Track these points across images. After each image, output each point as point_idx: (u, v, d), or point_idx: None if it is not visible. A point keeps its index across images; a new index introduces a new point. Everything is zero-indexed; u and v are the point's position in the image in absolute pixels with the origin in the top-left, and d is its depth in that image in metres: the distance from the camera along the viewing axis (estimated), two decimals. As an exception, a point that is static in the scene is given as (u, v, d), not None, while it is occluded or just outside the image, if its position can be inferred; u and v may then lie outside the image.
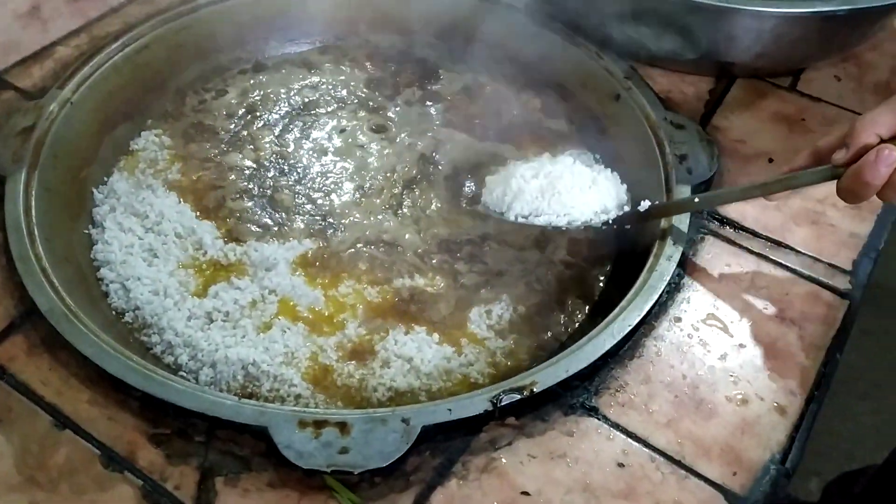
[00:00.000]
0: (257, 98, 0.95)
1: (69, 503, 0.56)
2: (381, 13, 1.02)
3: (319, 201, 0.85)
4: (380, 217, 0.84)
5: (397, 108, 0.96)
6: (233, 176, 0.86)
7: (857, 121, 0.62)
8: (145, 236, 0.79)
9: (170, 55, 0.94)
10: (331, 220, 0.83)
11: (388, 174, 0.88)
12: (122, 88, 0.89)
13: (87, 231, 0.80)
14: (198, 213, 0.82)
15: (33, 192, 0.75)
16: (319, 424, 0.59)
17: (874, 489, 1.12)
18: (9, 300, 0.67)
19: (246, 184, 0.86)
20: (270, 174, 0.87)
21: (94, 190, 0.83)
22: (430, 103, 0.97)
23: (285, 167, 0.88)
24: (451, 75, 1.00)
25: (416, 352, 0.72)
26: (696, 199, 0.76)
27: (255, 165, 0.88)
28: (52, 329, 0.64)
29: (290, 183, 0.86)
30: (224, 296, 0.75)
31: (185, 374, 0.70)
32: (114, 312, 0.74)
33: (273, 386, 0.69)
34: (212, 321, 0.73)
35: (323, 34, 1.03)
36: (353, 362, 0.71)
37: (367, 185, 0.87)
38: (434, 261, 0.80)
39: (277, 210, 0.83)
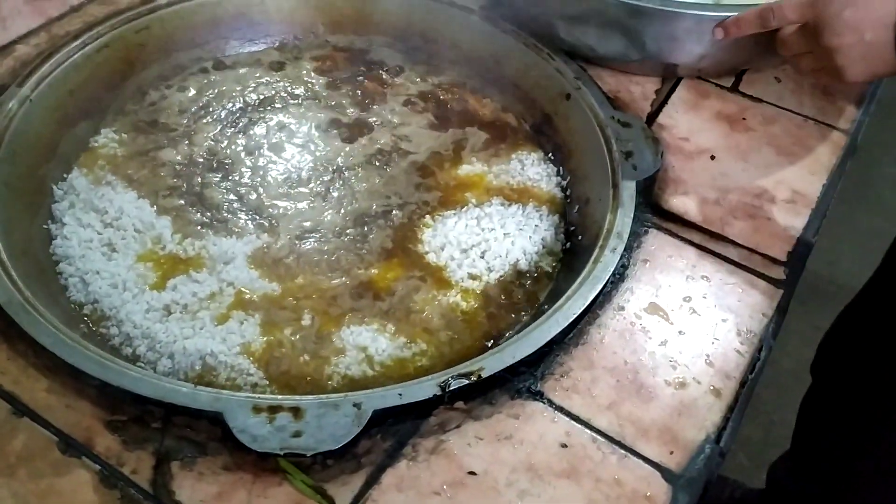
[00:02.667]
0: (212, 95, 0.96)
1: (27, 488, 0.57)
2: (340, 14, 1.04)
3: (250, 197, 0.86)
4: (313, 205, 0.86)
5: (352, 107, 0.98)
6: (163, 172, 0.88)
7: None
8: (104, 231, 0.81)
9: (129, 54, 0.95)
10: (264, 214, 0.85)
11: (325, 166, 0.91)
12: (82, 86, 0.90)
13: (45, 226, 0.81)
14: (156, 209, 0.83)
15: (-8, 188, 0.76)
16: (274, 409, 0.61)
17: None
18: (-33, 293, 0.68)
19: (174, 180, 0.87)
20: (199, 171, 0.88)
21: (54, 186, 0.84)
22: (387, 102, 0.99)
23: (215, 163, 0.89)
24: (408, 75, 1.03)
25: (370, 342, 0.75)
26: None
27: (185, 162, 0.89)
28: (11, 320, 0.65)
29: (217, 180, 0.88)
30: (182, 289, 0.77)
31: (142, 365, 0.71)
32: (73, 306, 0.75)
33: (230, 375, 0.71)
34: (170, 313, 0.75)
35: (282, 34, 1.05)
36: (307, 352, 0.73)
37: (303, 176, 0.89)
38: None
39: (207, 208, 0.85)
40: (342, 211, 0.86)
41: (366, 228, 0.85)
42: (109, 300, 0.75)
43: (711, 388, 0.68)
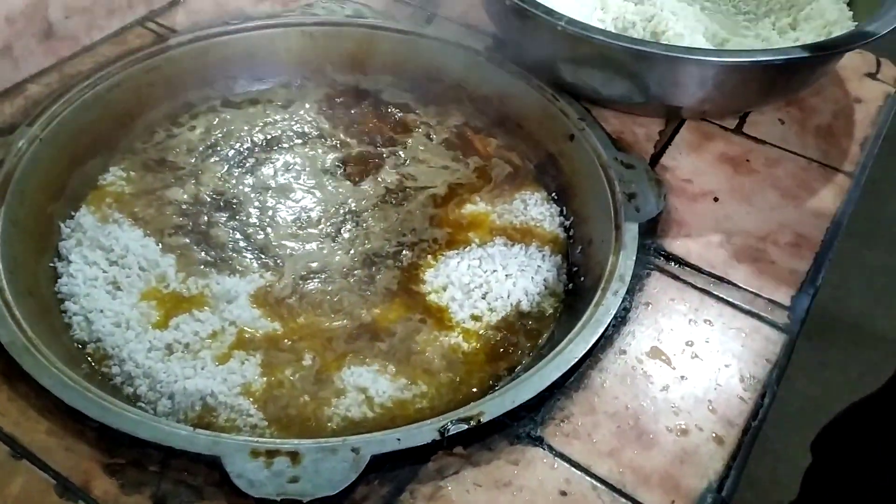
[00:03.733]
0: (220, 134, 0.98)
1: (23, 532, 0.57)
2: (346, 54, 1.06)
3: (257, 236, 0.87)
4: (321, 246, 0.87)
5: (359, 146, 0.99)
6: (169, 211, 0.89)
7: None
8: (109, 269, 0.81)
9: (139, 93, 0.97)
10: (270, 253, 0.85)
11: (336, 207, 0.91)
12: (92, 125, 0.92)
13: (52, 264, 0.82)
14: (161, 247, 0.84)
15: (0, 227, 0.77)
16: (271, 454, 0.61)
17: None
18: (-30, 332, 0.69)
19: (180, 219, 0.88)
20: (206, 210, 0.89)
21: (62, 224, 0.85)
22: (393, 141, 1.00)
23: (222, 203, 0.90)
24: (414, 114, 1.04)
25: (371, 383, 0.74)
26: None
27: (192, 201, 0.90)
28: (13, 361, 0.65)
29: (224, 219, 0.89)
30: (185, 327, 0.77)
31: (143, 405, 0.71)
32: (76, 344, 0.76)
33: (229, 416, 0.71)
34: (172, 352, 0.75)
35: (290, 74, 1.06)
36: (307, 393, 0.73)
37: (311, 216, 0.90)
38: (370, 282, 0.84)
39: (212, 247, 0.85)
40: (352, 251, 0.87)
41: (373, 269, 0.85)
42: (112, 339, 0.75)
43: (714, 435, 0.68)
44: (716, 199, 0.88)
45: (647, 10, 1.04)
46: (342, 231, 0.89)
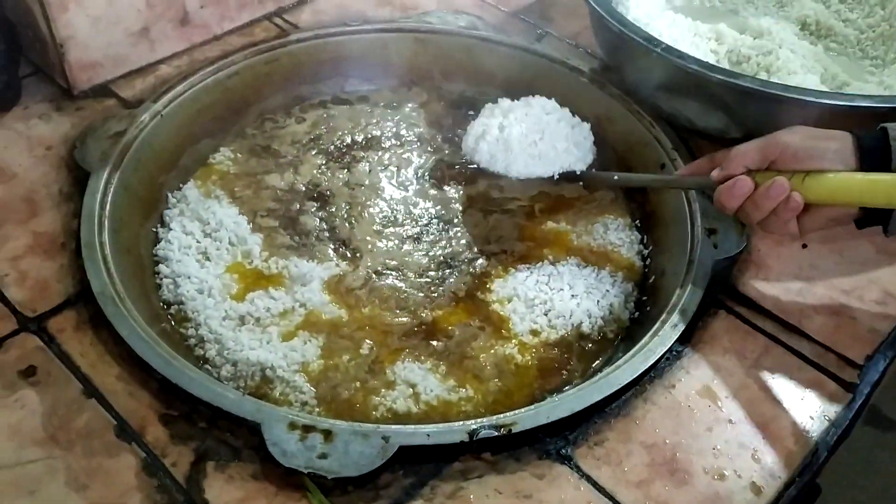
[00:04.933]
0: (325, 128, 1.03)
1: (80, 463, 0.63)
2: (455, 63, 1.09)
3: (343, 228, 0.91)
4: (400, 245, 0.90)
5: (456, 154, 1.01)
6: (264, 195, 0.94)
7: (732, 150, 0.75)
8: (203, 240, 0.88)
9: (257, 82, 1.04)
10: (351, 246, 0.89)
11: (423, 210, 0.94)
12: (210, 107, 0.99)
13: (154, 229, 0.89)
14: (251, 226, 0.90)
15: (112, 189, 0.84)
16: (308, 429, 0.64)
17: None
18: (69, 280, 0.77)
19: (273, 204, 0.93)
20: (299, 198, 0.94)
21: (169, 194, 0.93)
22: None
23: (315, 194, 0.95)
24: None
25: (420, 380, 0.77)
26: (616, 177, 0.93)
27: (287, 188, 0.95)
28: (99, 310, 0.72)
29: (314, 209, 0.93)
30: (259, 303, 0.82)
31: (209, 368, 0.77)
32: (162, 304, 0.82)
33: (284, 390, 0.75)
34: (243, 323, 0.80)
35: (400, 77, 1.10)
36: (359, 380, 0.77)
37: (397, 217, 0.93)
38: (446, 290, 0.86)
39: (298, 233, 0.90)
40: (430, 254, 0.89)
41: (447, 272, 0.88)
42: (194, 303, 0.81)
43: (752, 483, 0.65)
44: (804, 246, 0.85)
45: (765, 45, 1.01)
46: (425, 234, 0.92)
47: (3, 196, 0.84)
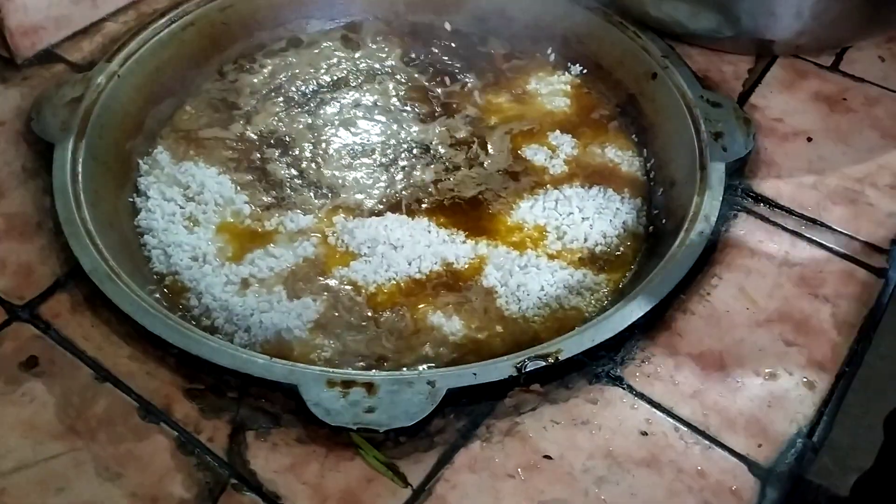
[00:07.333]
0: (287, 74, 0.97)
1: (107, 451, 0.58)
2: (420, -9, 1.03)
3: (309, 172, 0.86)
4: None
5: (432, 86, 0.96)
6: (233, 147, 0.89)
7: None
8: (186, 205, 0.82)
9: (213, 32, 0.96)
10: (332, 189, 0.85)
11: (395, 143, 0.90)
12: (167, 63, 0.92)
13: (131, 199, 0.82)
14: (237, 184, 0.84)
15: (80, 160, 0.77)
16: (347, 384, 0.60)
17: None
18: (54, 260, 0.70)
19: (232, 154, 0.88)
20: (257, 148, 0.89)
21: (140, 160, 0.86)
22: (467, 80, 0.97)
23: (272, 140, 0.90)
24: (489, 53, 1.01)
25: (445, 322, 0.73)
26: None
27: (242, 138, 0.90)
28: (95, 288, 0.66)
29: (277, 155, 0.88)
30: (260, 263, 0.77)
31: (220, 337, 0.71)
32: (155, 276, 0.76)
33: (303, 350, 0.71)
34: (247, 287, 0.75)
35: (363, 13, 1.04)
36: (379, 326, 0.73)
37: (369, 150, 0.89)
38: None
39: (272, 185, 0.85)
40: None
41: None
42: (190, 272, 0.76)
43: (804, 379, 0.64)
44: (809, 139, 0.83)
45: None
46: (399, 161, 0.88)
47: (-41, 181, 0.77)
